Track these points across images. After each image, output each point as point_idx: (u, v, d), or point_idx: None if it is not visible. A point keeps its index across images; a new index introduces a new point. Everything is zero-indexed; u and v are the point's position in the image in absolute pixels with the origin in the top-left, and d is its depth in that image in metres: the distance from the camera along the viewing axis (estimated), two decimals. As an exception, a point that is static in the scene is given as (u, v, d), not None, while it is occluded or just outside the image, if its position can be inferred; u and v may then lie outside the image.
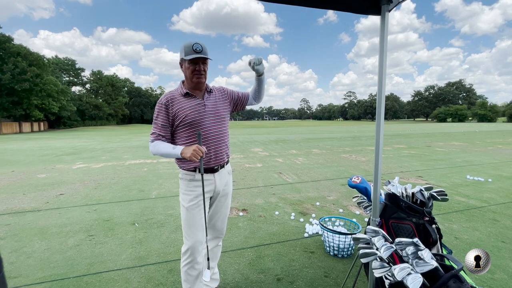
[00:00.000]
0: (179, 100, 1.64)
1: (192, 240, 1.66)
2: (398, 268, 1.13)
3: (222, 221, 1.90)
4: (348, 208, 3.85)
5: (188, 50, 1.56)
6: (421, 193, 1.73)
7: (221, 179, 1.76)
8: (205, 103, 1.69)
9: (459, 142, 13.08)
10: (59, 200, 4.39)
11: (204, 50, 1.58)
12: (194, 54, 1.55)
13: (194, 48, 1.55)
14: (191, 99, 1.66)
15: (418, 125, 43.46)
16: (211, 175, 1.70)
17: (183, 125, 1.63)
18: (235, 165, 7.48)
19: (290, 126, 47.85)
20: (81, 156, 9.61)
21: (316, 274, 2.25)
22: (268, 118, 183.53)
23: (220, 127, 1.73)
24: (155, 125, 1.66)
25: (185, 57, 1.57)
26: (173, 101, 1.63)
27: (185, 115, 1.61)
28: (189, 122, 1.62)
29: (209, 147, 1.67)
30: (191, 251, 1.66)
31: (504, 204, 3.94)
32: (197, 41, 1.57)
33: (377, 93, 1.57)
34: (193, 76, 1.61)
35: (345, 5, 1.58)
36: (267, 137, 17.96)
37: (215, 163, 1.70)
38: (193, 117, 1.62)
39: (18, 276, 2.24)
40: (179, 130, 1.66)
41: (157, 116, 1.65)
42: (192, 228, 1.66)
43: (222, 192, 1.80)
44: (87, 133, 28.24)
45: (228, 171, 1.86)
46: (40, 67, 35.25)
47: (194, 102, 1.65)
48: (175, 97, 1.64)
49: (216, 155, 1.70)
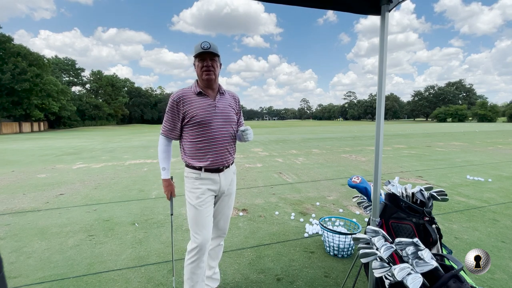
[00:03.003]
0: (191, 99, 1.67)
1: (201, 238, 1.66)
2: (398, 268, 1.13)
3: (225, 220, 1.91)
4: (348, 208, 3.85)
5: (197, 48, 1.62)
6: (421, 193, 1.73)
7: (226, 179, 1.78)
8: (216, 104, 1.71)
9: (459, 142, 13.08)
10: (59, 200, 4.39)
11: (212, 47, 1.62)
12: (202, 50, 1.60)
13: (202, 46, 1.60)
14: (203, 98, 1.68)
15: (418, 125, 43.46)
16: (216, 175, 1.72)
17: (192, 123, 1.65)
18: (235, 165, 7.47)
19: (290, 126, 47.85)
20: (81, 156, 9.61)
21: (316, 274, 2.25)
22: (268, 118, 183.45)
23: (228, 129, 1.75)
24: (166, 121, 1.72)
25: (194, 55, 1.64)
26: (184, 99, 1.66)
27: (195, 114, 1.64)
28: (198, 121, 1.64)
29: (216, 148, 1.69)
30: (199, 248, 1.66)
31: (504, 204, 3.94)
32: (206, 39, 1.63)
33: (377, 93, 1.57)
34: (202, 72, 1.64)
35: (345, 5, 1.58)
36: (267, 137, 17.96)
37: (221, 163, 1.72)
38: (202, 117, 1.64)
39: (18, 276, 2.24)
40: (188, 128, 1.68)
41: (168, 112, 1.70)
42: (200, 226, 1.67)
43: (226, 192, 1.82)
44: (87, 133, 28.24)
45: (233, 171, 1.89)
46: (40, 67, 35.24)
47: (206, 102, 1.68)
48: (187, 95, 1.67)
49: (222, 155, 1.72)
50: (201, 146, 1.67)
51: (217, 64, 1.69)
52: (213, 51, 1.61)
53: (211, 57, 1.64)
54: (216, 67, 1.68)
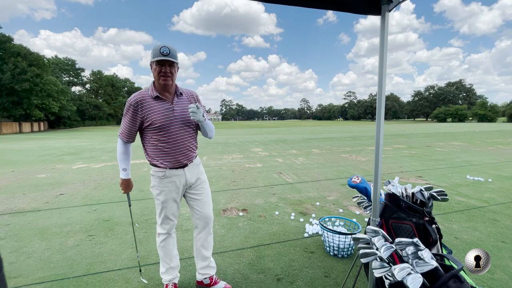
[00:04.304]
0: (149, 103, 1.70)
1: (168, 227, 1.92)
2: (398, 268, 1.13)
3: (208, 207, 2.00)
4: (348, 208, 3.85)
5: (155, 52, 1.63)
6: (421, 193, 1.73)
7: (191, 172, 1.88)
8: (174, 107, 1.75)
9: (459, 142, 13.08)
10: (59, 200, 4.39)
11: (171, 53, 1.64)
12: (161, 56, 1.62)
13: (161, 51, 1.61)
14: (160, 102, 1.72)
15: (418, 125, 43.46)
16: (181, 170, 1.82)
17: (151, 128, 1.71)
18: (235, 165, 7.48)
19: (290, 126, 47.86)
20: (81, 156, 9.61)
21: (316, 274, 2.25)
22: (268, 118, 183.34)
23: (188, 130, 1.81)
24: (123, 125, 1.76)
25: (152, 59, 1.66)
26: (142, 103, 1.69)
27: (154, 119, 1.69)
28: (158, 126, 1.70)
29: (176, 149, 1.77)
30: (167, 231, 1.92)
31: (504, 204, 3.94)
32: (166, 44, 1.64)
33: (377, 93, 1.57)
34: (159, 77, 1.67)
35: (346, 5, 1.58)
36: (267, 137, 17.96)
37: (184, 161, 1.82)
38: (162, 122, 1.70)
39: (18, 276, 2.24)
40: (148, 132, 1.74)
41: (125, 115, 1.74)
42: (167, 220, 1.89)
43: (197, 182, 1.94)
44: (87, 133, 28.24)
45: (197, 163, 1.97)
46: (40, 67, 35.27)
47: (164, 107, 1.72)
48: (145, 99, 1.70)
49: (184, 154, 1.81)
50: (162, 148, 1.75)
51: (175, 69, 1.72)
52: (171, 58, 1.63)
53: (169, 63, 1.66)
54: (174, 72, 1.71)
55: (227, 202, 4.18)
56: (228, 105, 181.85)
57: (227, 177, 5.89)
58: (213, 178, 5.82)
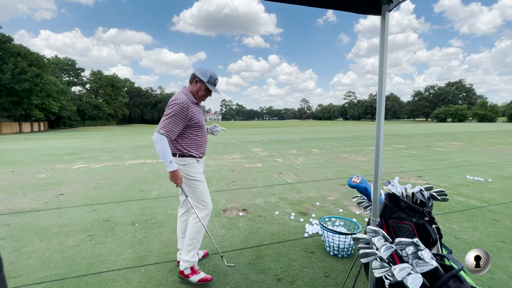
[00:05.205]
0: (192, 107, 2.10)
1: (210, 204, 2.24)
2: (398, 268, 1.13)
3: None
4: (348, 208, 3.85)
5: (211, 80, 2.12)
6: (421, 193, 1.73)
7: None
8: (202, 111, 2.28)
9: (459, 142, 13.08)
10: (59, 200, 4.39)
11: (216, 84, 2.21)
12: (213, 87, 2.15)
13: (215, 82, 2.15)
14: (197, 107, 2.18)
15: (418, 125, 43.47)
16: (202, 160, 2.29)
17: (195, 126, 2.13)
18: (235, 165, 7.48)
19: (290, 126, 47.86)
20: (81, 156, 9.61)
21: (316, 274, 2.25)
22: (268, 118, 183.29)
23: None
24: (170, 123, 2.01)
25: (207, 83, 2.10)
26: (190, 106, 2.07)
27: (199, 119, 2.14)
28: (200, 124, 2.16)
29: (205, 142, 2.27)
30: (209, 211, 2.23)
31: (504, 204, 3.94)
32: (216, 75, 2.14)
33: (377, 93, 1.57)
34: (203, 97, 2.17)
35: (346, 5, 1.58)
36: (267, 137, 17.96)
37: (205, 152, 2.30)
38: (202, 121, 2.19)
39: (18, 276, 2.24)
40: (190, 128, 2.11)
41: (175, 115, 2.00)
42: (208, 197, 2.23)
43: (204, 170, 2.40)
44: (87, 133, 28.24)
45: None
46: (40, 67, 35.23)
47: (200, 111, 2.21)
48: (190, 104, 2.08)
49: (206, 147, 2.30)
50: (199, 141, 2.19)
51: None
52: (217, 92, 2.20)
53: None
54: None
55: (227, 202, 4.18)
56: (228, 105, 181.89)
57: (227, 177, 5.90)
58: (213, 178, 5.82)
